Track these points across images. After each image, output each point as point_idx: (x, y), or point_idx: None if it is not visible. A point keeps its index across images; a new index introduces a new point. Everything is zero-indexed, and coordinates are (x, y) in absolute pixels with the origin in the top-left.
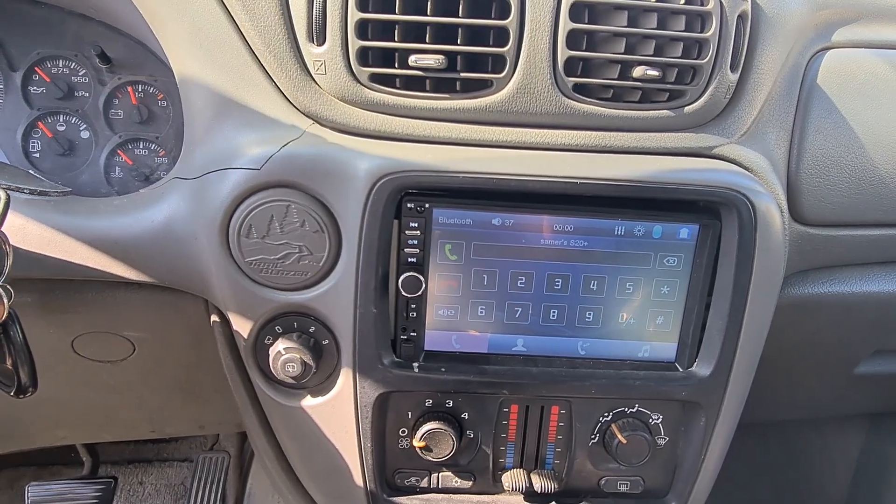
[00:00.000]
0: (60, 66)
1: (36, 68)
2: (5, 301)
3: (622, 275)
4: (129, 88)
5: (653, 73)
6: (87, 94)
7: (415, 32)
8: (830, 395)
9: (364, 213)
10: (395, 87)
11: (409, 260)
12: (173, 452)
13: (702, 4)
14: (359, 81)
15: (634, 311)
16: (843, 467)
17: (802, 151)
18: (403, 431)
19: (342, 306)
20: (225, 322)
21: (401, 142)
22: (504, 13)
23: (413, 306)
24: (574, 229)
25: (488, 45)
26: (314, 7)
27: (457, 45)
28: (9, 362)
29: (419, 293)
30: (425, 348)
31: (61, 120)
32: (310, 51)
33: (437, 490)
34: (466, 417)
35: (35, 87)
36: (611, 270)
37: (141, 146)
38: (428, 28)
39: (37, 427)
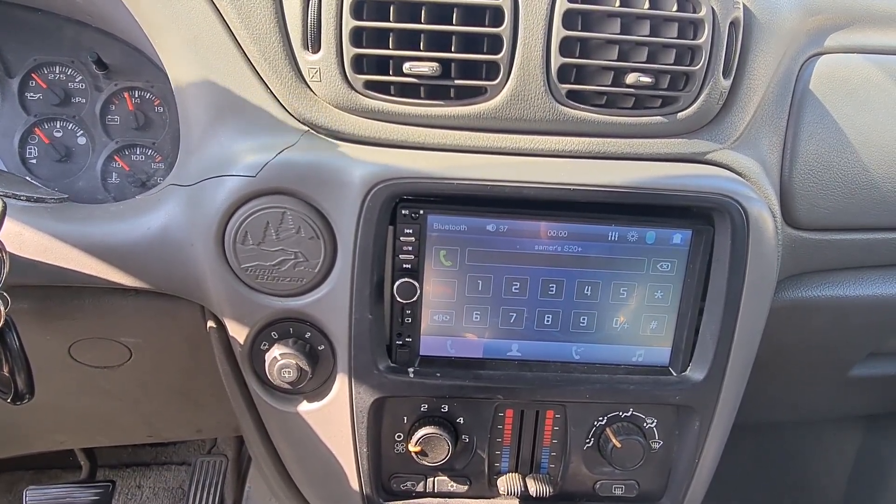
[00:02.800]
0: (57, 72)
1: (32, 74)
2: (2, 308)
3: (616, 280)
4: (126, 94)
5: (646, 79)
6: (84, 101)
7: (409, 40)
8: (826, 398)
9: (359, 219)
10: (389, 94)
11: (404, 266)
12: (171, 456)
13: (694, 11)
14: (353, 89)
15: (628, 316)
16: (840, 469)
17: (795, 156)
18: (399, 436)
19: (338, 312)
20: (221, 328)
21: (395, 148)
22: (498, 21)
23: (408, 312)
24: (568, 235)
25: (482, 53)
26: (309, 15)
27: (451, 52)
28: (5, 369)
29: (414, 299)
30: (420, 354)
31: (58, 126)
32: (305, 58)
33: (433, 494)
34: (462, 422)
35: (32, 94)
36: (605, 276)
37: (137, 152)
38: (422, 36)
39: (35, 432)
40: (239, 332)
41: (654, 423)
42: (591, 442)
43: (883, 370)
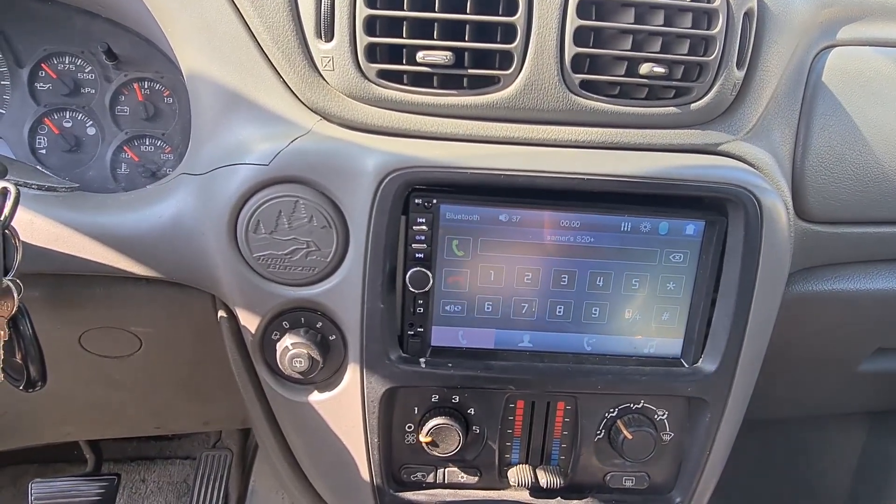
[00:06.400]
0: (67, 62)
1: (42, 65)
2: (15, 295)
3: (628, 271)
4: (136, 85)
5: (659, 69)
6: (94, 91)
7: (422, 29)
8: (833, 393)
9: (372, 208)
10: (402, 83)
11: (417, 255)
12: (176, 450)
13: (708, 2)
14: (367, 78)
15: (640, 308)
16: (846, 465)
17: (807, 148)
18: (410, 427)
19: (349, 302)
20: (232, 317)
21: (408, 138)
22: (512, 10)
23: (420, 302)
24: (580, 225)
25: (496, 42)
26: (322, 3)
27: (464, 41)
28: (18, 356)
29: (426, 289)
30: (432, 344)
31: (68, 116)
32: (318, 47)
33: (443, 485)
34: (472, 413)
35: (42, 84)
36: (617, 266)
37: (147, 143)
38: (436, 24)
39: (43, 423)
40: (250, 322)
41: (666, 415)
42: (602, 434)
43: (891, 366)
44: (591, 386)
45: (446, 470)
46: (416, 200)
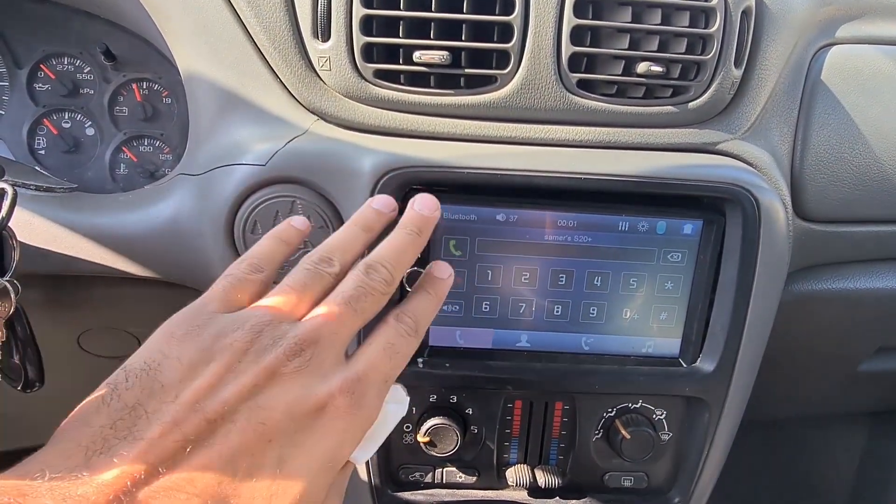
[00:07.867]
0: (65, 63)
1: (41, 66)
2: (13, 296)
3: (626, 270)
4: (134, 86)
5: (657, 69)
6: (92, 92)
7: (419, 29)
8: (833, 393)
9: None
10: (399, 83)
11: None
12: None
13: (706, 0)
14: (363, 77)
15: (638, 307)
16: (846, 465)
17: (806, 147)
18: (408, 427)
19: None
20: None
21: (405, 138)
22: (508, 9)
23: None
24: (578, 225)
25: (492, 41)
26: (319, 3)
27: (461, 41)
28: (16, 358)
29: None
30: (430, 344)
31: (66, 117)
32: (314, 47)
33: (442, 485)
34: (471, 413)
35: (40, 85)
36: (615, 266)
37: (146, 143)
38: (432, 24)
39: (43, 424)
40: None
41: (664, 415)
42: (600, 433)
43: (892, 365)
44: (588, 386)
45: (444, 470)
46: None
